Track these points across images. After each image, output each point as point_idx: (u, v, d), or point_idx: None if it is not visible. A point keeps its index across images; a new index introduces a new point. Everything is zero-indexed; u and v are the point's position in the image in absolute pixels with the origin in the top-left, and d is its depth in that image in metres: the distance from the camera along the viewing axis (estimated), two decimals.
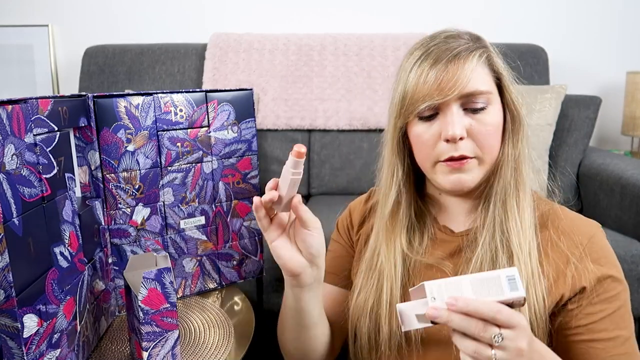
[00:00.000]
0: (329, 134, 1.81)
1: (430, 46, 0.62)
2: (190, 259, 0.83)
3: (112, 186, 0.73)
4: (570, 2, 2.04)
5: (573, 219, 0.65)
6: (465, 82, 0.59)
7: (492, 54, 0.64)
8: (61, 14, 2.05)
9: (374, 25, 2.04)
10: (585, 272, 0.60)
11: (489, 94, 0.61)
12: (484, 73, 0.62)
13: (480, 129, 0.61)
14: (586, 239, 0.62)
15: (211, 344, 0.69)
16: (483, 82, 0.61)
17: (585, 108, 1.66)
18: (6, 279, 0.45)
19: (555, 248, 0.62)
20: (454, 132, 0.59)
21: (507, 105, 0.64)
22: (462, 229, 0.68)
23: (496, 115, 0.62)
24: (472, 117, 0.61)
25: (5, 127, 0.46)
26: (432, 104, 0.60)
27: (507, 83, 0.63)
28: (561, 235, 0.63)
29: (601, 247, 0.62)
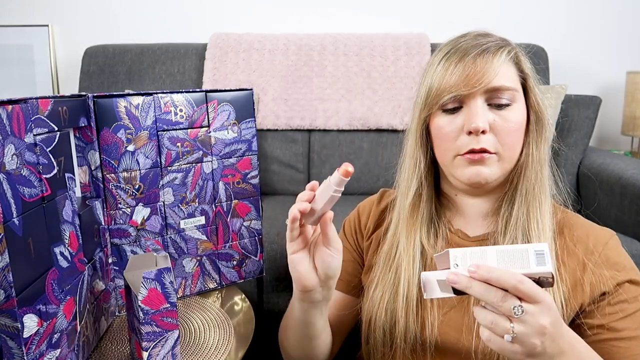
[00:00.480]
0: (329, 134, 1.80)
1: (460, 42, 0.63)
2: (190, 259, 0.83)
3: (112, 186, 0.73)
4: (570, 2, 2.04)
5: (587, 227, 0.65)
6: (493, 76, 0.60)
7: (520, 53, 0.64)
8: (61, 14, 2.05)
9: (374, 25, 2.04)
10: (602, 278, 0.59)
11: (515, 92, 0.62)
12: (510, 71, 0.62)
13: (503, 125, 0.61)
14: (601, 245, 0.62)
15: (211, 344, 0.69)
16: (509, 79, 0.62)
17: (585, 108, 1.66)
18: (6, 279, 0.45)
19: (572, 255, 0.62)
20: (477, 124, 0.60)
21: (532, 106, 0.64)
22: (477, 233, 0.68)
23: (520, 113, 0.63)
24: (496, 113, 0.62)
25: (5, 127, 0.46)
26: (458, 94, 0.61)
27: (532, 84, 0.64)
28: (577, 243, 0.62)
29: (617, 253, 0.62)
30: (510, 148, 0.62)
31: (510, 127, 0.61)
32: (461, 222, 0.69)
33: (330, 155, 1.79)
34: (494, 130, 0.61)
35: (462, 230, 0.69)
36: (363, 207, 0.80)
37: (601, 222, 1.61)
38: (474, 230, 0.68)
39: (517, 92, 0.62)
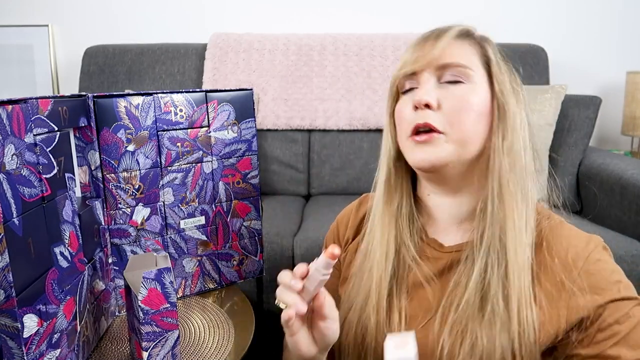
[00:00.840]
0: (329, 134, 1.81)
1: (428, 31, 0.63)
2: (190, 259, 0.83)
3: (112, 186, 0.73)
4: (570, 2, 2.04)
5: (569, 238, 0.58)
6: (440, 52, 0.59)
7: (486, 41, 0.62)
8: (61, 14, 2.05)
9: (374, 25, 2.04)
10: (581, 300, 0.54)
11: (468, 69, 0.59)
12: (468, 51, 0.60)
13: (452, 101, 0.58)
14: (582, 260, 0.55)
15: (211, 344, 0.69)
16: (463, 57, 0.59)
17: (585, 108, 1.66)
18: (6, 279, 0.45)
19: (549, 273, 0.56)
20: (421, 96, 0.58)
21: (495, 94, 0.60)
22: (452, 243, 0.63)
23: (476, 94, 0.59)
24: (447, 89, 0.59)
25: (5, 127, 0.46)
26: (406, 71, 0.60)
27: (497, 71, 0.60)
28: (556, 257, 0.56)
29: (599, 269, 0.55)
30: (460, 129, 0.58)
31: (459, 104, 0.58)
32: (435, 228, 0.66)
33: (330, 155, 1.79)
34: (442, 107, 0.58)
35: (436, 239, 0.65)
36: (341, 218, 0.77)
37: (601, 222, 1.61)
38: (448, 238, 0.64)
39: (472, 71, 0.59)
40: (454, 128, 0.58)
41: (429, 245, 0.65)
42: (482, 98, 0.59)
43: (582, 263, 0.55)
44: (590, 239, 0.58)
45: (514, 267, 0.56)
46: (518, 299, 0.55)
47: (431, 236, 0.66)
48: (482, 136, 0.59)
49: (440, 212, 0.65)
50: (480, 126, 0.59)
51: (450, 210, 0.64)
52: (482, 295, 0.57)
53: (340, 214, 0.78)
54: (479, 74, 0.60)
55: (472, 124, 0.58)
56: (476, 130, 0.59)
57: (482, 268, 0.57)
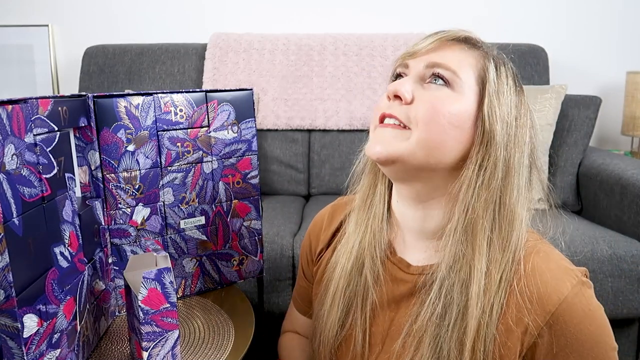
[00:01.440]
0: (329, 134, 1.81)
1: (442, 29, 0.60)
2: (190, 259, 0.83)
3: (112, 186, 0.73)
4: (570, 2, 2.04)
5: (545, 278, 0.51)
6: (435, 48, 0.56)
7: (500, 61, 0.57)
8: (61, 14, 2.05)
9: (374, 25, 2.04)
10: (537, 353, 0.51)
11: (455, 76, 0.54)
12: (465, 60, 0.55)
13: (426, 100, 0.53)
14: (553, 305, 0.50)
15: (211, 344, 0.69)
16: (456, 62, 0.55)
17: (585, 108, 1.66)
18: (6, 279, 0.45)
19: (514, 313, 0.52)
20: (395, 86, 0.55)
21: (482, 115, 0.54)
22: (419, 263, 0.59)
23: (454, 102, 0.53)
24: (427, 87, 0.55)
25: (5, 127, 0.46)
26: (400, 60, 0.58)
27: (492, 92, 0.54)
28: (526, 299, 0.51)
29: (577, 319, 0.50)
30: (427, 130, 0.52)
31: (432, 106, 0.53)
32: (403, 245, 0.62)
33: (330, 155, 1.79)
34: (415, 103, 0.54)
35: (403, 258, 0.61)
36: (312, 231, 0.74)
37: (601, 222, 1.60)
38: (415, 257, 0.60)
39: (459, 80, 0.54)
40: (419, 127, 0.53)
41: (395, 265, 0.61)
42: (461, 110, 0.54)
43: (554, 309, 0.50)
44: (567, 277, 0.52)
45: (472, 319, 0.51)
46: (472, 346, 0.51)
47: (398, 254, 0.62)
48: (456, 150, 0.54)
49: (406, 223, 0.61)
50: (452, 138, 0.54)
51: (414, 224, 0.60)
52: (436, 344, 0.53)
53: (311, 225, 0.75)
54: (469, 88, 0.55)
55: (441, 130, 0.53)
56: (445, 140, 0.53)
57: (439, 312, 0.53)
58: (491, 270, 0.52)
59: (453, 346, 0.52)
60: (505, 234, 0.53)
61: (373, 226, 0.62)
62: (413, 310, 0.57)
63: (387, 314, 0.60)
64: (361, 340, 0.60)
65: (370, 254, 0.61)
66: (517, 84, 0.58)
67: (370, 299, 0.61)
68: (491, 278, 0.52)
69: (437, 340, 0.53)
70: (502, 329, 0.51)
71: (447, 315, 0.53)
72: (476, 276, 0.52)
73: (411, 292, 0.58)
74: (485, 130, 0.53)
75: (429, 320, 0.54)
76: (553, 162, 1.63)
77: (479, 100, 0.55)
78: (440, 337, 0.53)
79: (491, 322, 0.51)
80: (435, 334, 0.53)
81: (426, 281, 0.56)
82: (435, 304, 0.54)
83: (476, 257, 0.52)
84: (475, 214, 0.53)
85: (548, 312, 0.50)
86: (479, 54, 0.57)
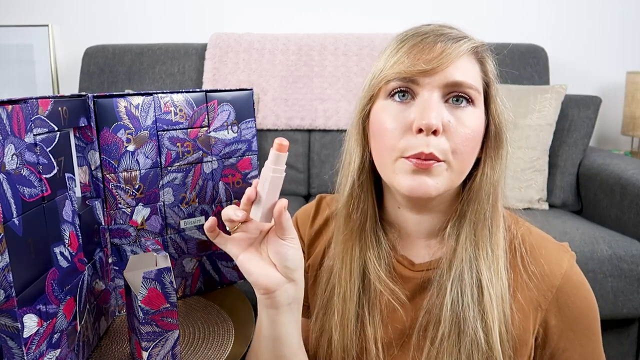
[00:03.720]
0: (329, 134, 1.81)
1: (421, 27, 0.55)
2: (190, 259, 0.83)
3: (112, 186, 0.73)
4: (570, 2, 2.04)
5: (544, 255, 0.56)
6: (451, 63, 0.51)
7: (486, 54, 0.56)
8: (61, 14, 2.05)
9: (374, 25, 2.04)
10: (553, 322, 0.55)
11: (476, 92, 0.53)
12: (473, 68, 0.54)
13: (458, 128, 0.51)
14: (557, 279, 0.55)
15: (211, 344, 0.69)
16: (472, 77, 0.53)
17: (585, 108, 1.66)
18: (6, 279, 0.45)
19: (525, 290, 0.55)
20: (430, 120, 0.49)
21: (492, 118, 0.55)
22: (422, 260, 0.60)
23: (478, 120, 0.53)
24: (452, 113, 0.52)
25: (5, 127, 0.46)
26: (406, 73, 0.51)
27: (495, 92, 0.55)
28: (531, 275, 0.55)
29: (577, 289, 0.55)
30: (462, 158, 0.52)
31: (466, 133, 0.52)
32: (404, 243, 0.61)
33: (330, 155, 1.79)
34: (447, 133, 0.51)
35: (406, 256, 0.61)
36: (301, 220, 0.72)
37: (601, 222, 1.60)
38: (418, 254, 0.60)
39: (479, 95, 0.53)
40: (455, 156, 0.52)
41: (400, 263, 0.61)
42: (481, 123, 0.54)
43: (558, 282, 0.55)
44: (560, 252, 0.57)
45: (492, 297, 0.53)
46: (499, 330, 0.53)
47: (400, 252, 0.61)
48: (473, 161, 0.55)
49: (410, 225, 0.60)
50: (475, 151, 0.55)
51: (420, 227, 0.60)
52: (458, 329, 0.54)
53: (299, 212, 0.73)
54: (481, 96, 0.55)
55: (472, 153, 0.54)
56: (473, 160, 0.55)
57: (455, 298, 0.54)
58: (495, 252, 0.55)
59: (479, 332, 0.53)
60: (496, 215, 0.56)
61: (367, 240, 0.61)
62: (425, 303, 0.57)
63: (399, 313, 0.60)
64: (373, 341, 0.59)
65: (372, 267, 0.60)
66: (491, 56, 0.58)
67: (379, 314, 0.60)
68: (496, 259, 0.55)
69: (460, 329, 0.54)
70: (515, 308, 0.55)
71: (464, 303, 0.54)
72: (484, 262, 0.54)
73: (420, 288, 0.59)
74: (497, 132, 0.55)
75: (449, 311, 0.55)
76: (553, 162, 1.63)
77: (485, 103, 0.56)
78: (462, 326, 0.54)
79: (505, 303, 0.54)
80: (457, 323, 0.54)
81: (434, 275, 0.57)
82: (452, 293, 0.55)
83: (480, 245, 0.55)
84: (481, 207, 0.55)
85: (554, 287, 0.54)
86: (476, 50, 0.55)
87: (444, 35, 0.53)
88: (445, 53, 0.51)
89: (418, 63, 0.51)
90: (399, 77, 0.52)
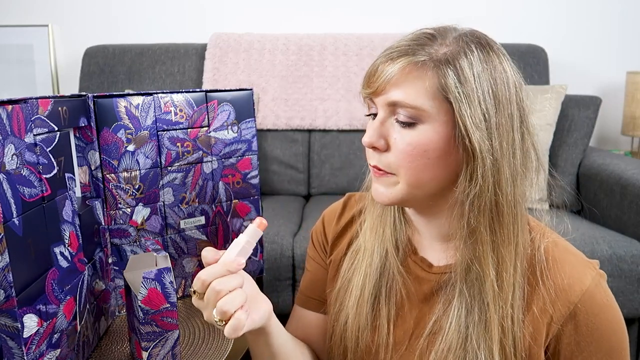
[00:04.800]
0: (329, 134, 1.81)
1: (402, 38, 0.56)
2: (190, 259, 0.83)
3: (112, 186, 0.73)
4: (570, 2, 2.04)
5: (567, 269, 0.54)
6: (386, 85, 0.52)
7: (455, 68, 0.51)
8: (61, 14, 2.05)
9: (374, 25, 2.04)
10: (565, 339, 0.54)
11: (421, 111, 0.52)
12: (425, 85, 0.51)
13: (400, 146, 0.53)
14: (584, 300, 0.53)
15: (211, 344, 0.69)
16: (418, 96, 0.51)
17: (585, 108, 1.66)
18: (6, 279, 0.45)
19: (540, 301, 0.54)
20: (364, 138, 0.56)
21: (459, 130, 0.51)
22: (441, 263, 0.60)
23: (430, 137, 0.52)
24: (398, 131, 0.54)
25: (5, 127, 0.46)
26: (363, 94, 0.57)
27: (460, 107, 0.50)
28: (549, 288, 0.54)
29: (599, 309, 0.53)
30: (412, 174, 0.53)
31: (409, 151, 0.52)
32: (422, 245, 0.63)
33: (330, 155, 1.79)
34: (393, 149, 0.54)
35: (425, 257, 0.62)
36: (328, 218, 0.74)
37: (601, 222, 1.60)
38: (435, 256, 0.61)
39: (424, 112, 0.51)
40: (403, 171, 0.54)
41: (417, 264, 0.62)
42: (437, 141, 0.52)
43: (577, 299, 0.53)
44: (587, 268, 0.55)
45: (494, 319, 0.53)
46: (506, 351, 0.53)
47: (420, 254, 0.63)
48: (448, 172, 0.54)
49: (421, 228, 0.63)
50: (438, 168, 0.54)
51: (431, 231, 0.61)
52: (463, 346, 0.54)
53: (327, 210, 0.76)
54: (436, 110, 0.52)
55: (425, 169, 0.53)
56: (433, 175, 0.54)
57: (460, 315, 0.55)
58: (503, 268, 0.53)
59: (482, 343, 0.53)
60: (507, 230, 0.54)
61: (390, 227, 0.64)
62: (437, 308, 0.58)
63: (412, 313, 0.61)
64: (385, 339, 0.61)
65: (391, 253, 0.63)
66: (483, 46, 0.54)
67: (394, 299, 0.62)
68: (505, 275, 0.53)
69: (465, 337, 0.55)
70: (528, 320, 0.54)
71: (470, 314, 0.54)
72: (488, 277, 0.53)
73: (434, 291, 0.60)
74: (465, 147, 0.52)
75: (454, 319, 0.55)
76: (553, 162, 1.63)
77: (451, 115, 0.52)
78: (467, 334, 0.54)
79: (515, 315, 0.53)
80: (462, 332, 0.55)
81: (447, 281, 0.58)
82: (458, 302, 0.55)
83: (482, 261, 0.54)
84: (474, 222, 0.53)
85: (572, 303, 0.53)
86: (433, 64, 0.52)
87: (394, 51, 0.53)
88: (383, 74, 0.53)
89: (369, 84, 0.55)
90: (362, 95, 0.58)
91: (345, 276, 0.66)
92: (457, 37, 0.54)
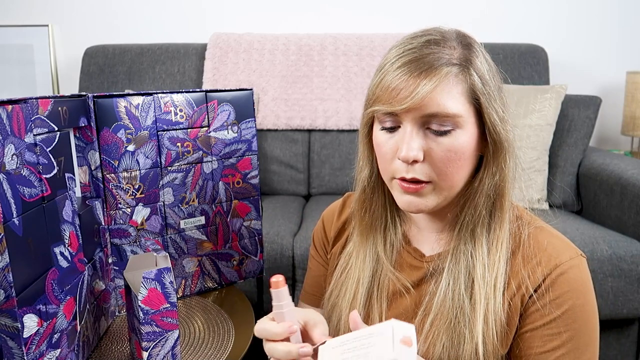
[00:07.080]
0: (329, 134, 1.80)
1: (407, 48, 0.55)
2: (190, 259, 0.83)
3: (112, 186, 0.73)
4: (571, 2, 2.04)
5: (547, 248, 0.57)
6: (424, 100, 0.52)
7: (475, 69, 0.54)
8: (61, 14, 2.05)
9: (374, 25, 2.04)
10: (530, 310, 0.56)
11: (457, 117, 0.53)
12: (454, 91, 0.53)
13: (439, 153, 0.54)
14: (555, 274, 0.55)
15: (211, 344, 0.69)
16: (453, 103, 0.53)
17: (585, 108, 1.66)
18: (6, 279, 0.45)
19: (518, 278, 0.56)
20: (407, 154, 0.53)
21: (487, 129, 0.55)
22: (433, 252, 0.63)
23: (464, 139, 0.54)
24: (433, 139, 0.54)
25: (5, 127, 0.46)
26: (386, 110, 0.54)
27: (487, 105, 0.54)
28: (527, 265, 0.56)
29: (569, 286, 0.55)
30: (448, 177, 0.55)
31: (447, 157, 0.54)
32: (417, 236, 0.65)
33: (330, 155, 1.79)
34: (429, 158, 0.55)
35: (418, 248, 0.64)
36: (327, 217, 0.76)
37: (601, 222, 1.60)
38: (430, 247, 0.64)
39: (461, 117, 0.53)
40: (440, 177, 0.55)
41: (410, 254, 0.65)
42: (470, 139, 0.55)
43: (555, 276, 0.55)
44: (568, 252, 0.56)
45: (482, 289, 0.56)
46: (484, 318, 0.55)
47: (413, 244, 0.65)
48: (469, 170, 0.57)
49: (421, 222, 0.65)
50: (467, 168, 0.57)
51: (431, 224, 0.64)
52: (448, 314, 0.58)
53: (325, 211, 0.77)
54: (467, 114, 0.54)
55: (459, 170, 0.56)
56: (464, 174, 0.57)
57: (448, 287, 0.58)
58: (492, 248, 0.57)
59: (466, 319, 0.56)
60: (498, 213, 0.58)
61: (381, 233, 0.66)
62: (429, 290, 0.61)
63: (405, 298, 0.63)
64: (378, 321, 0.63)
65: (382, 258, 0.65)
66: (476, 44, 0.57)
67: (387, 293, 0.64)
68: (492, 257, 0.57)
69: (453, 312, 0.57)
70: (509, 295, 0.56)
71: (455, 292, 0.58)
72: (479, 258, 0.57)
73: (427, 277, 0.62)
74: (494, 140, 0.56)
75: (441, 297, 0.58)
76: (553, 162, 1.63)
77: (476, 114, 0.55)
78: (453, 313, 0.57)
79: (497, 293, 0.56)
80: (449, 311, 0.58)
81: (437, 266, 0.61)
82: (446, 279, 0.59)
83: (477, 242, 0.58)
84: (479, 209, 0.58)
85: (544, 274, 0.55)
86: (463, 71, 0.54)
87: (412, 64, 0.53)
88: (414, 91, 0.52)
89: (396, 101, 0.53)
90: (383, 112, 0.56)
91: (338, 280, 0.68)
92: (457, 38, 0.56)
